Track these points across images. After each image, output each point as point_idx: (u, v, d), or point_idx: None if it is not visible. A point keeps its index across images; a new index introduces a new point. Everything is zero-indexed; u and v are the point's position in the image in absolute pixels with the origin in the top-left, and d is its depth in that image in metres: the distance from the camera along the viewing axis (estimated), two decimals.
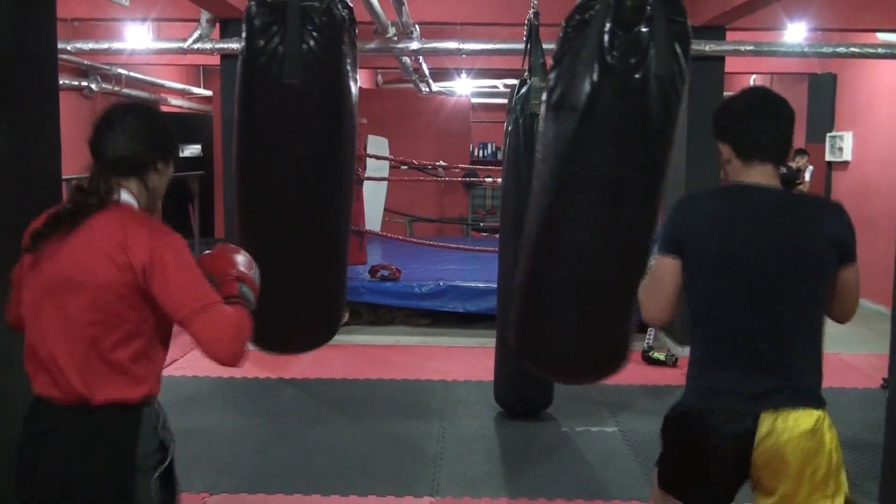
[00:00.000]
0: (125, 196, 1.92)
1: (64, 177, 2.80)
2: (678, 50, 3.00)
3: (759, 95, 2.25)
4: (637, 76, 2.93)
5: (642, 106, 2.97)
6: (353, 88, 3.27)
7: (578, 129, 3.04)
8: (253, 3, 3.08)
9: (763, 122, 2.15)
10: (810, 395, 2.12)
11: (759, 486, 2.16)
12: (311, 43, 3.05)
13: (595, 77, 2.96)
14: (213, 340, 1.81)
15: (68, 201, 1.92)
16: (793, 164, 9.13)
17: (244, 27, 3.09)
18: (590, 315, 3.28)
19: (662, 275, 2.21)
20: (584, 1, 3.04)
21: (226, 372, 5.15)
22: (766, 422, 2.07)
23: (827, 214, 2.14)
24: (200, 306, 1.81)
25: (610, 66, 2.93)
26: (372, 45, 6.84)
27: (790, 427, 2.07)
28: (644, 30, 2.93)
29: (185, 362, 6.05)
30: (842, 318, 2.25)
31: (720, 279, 2.14)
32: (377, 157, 9.56)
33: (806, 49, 7.38)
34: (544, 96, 3.25)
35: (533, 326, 3.48)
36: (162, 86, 11.43)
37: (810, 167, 9.37)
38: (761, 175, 2.15)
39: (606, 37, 2.94)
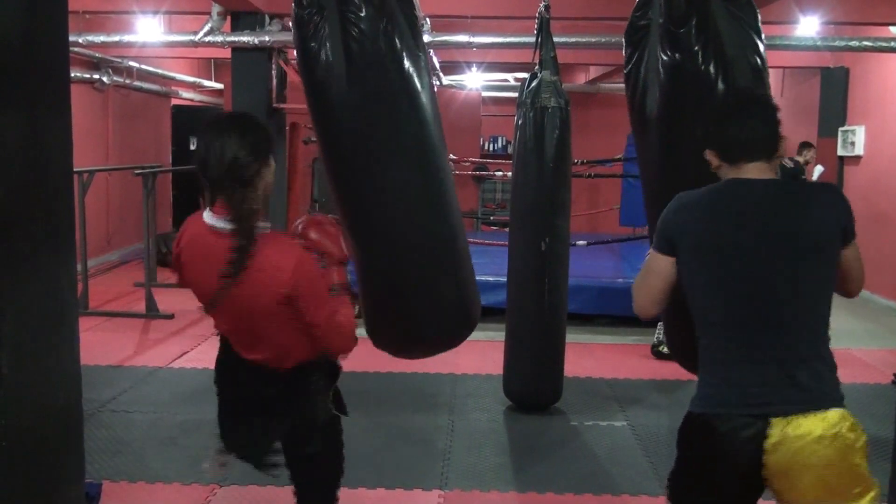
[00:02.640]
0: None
1: (75, 170, 2.81)
2: (740, 23, 2.79)
3: (736, 98, 2.24)
4: (706, 67, 2.75)
5: (718, 94, 2.76)
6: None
7: (665, 135, 2.92)
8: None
9: (743, 123, 2.09)
10: (823, 395, 1.99)
11: (778, 496, 2.04)
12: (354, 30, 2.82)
13: (665, 80, 2.82)
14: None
15: None
16: (799, 158, 9.07)
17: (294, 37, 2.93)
18: None
19: (651, 270, 2.18)
20: (638, 5, 2.95)
21: None
22: (776, 428, 1.96)
23: (825, 197, 2.07)
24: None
25: (676, 64, 2.78)
26: None
27: (802, 434, 1.94)
28: (700, 18, 2.74)
29: (196, 354, 6.08)
30: (851, 295, 2.21)
31: (707, 277, 2.08)
32: None
33: (818, 43, 7.34)
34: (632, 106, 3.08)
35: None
36: (173, 79, 11.46)
37: (820, 167, 9.28)
38: (753, 171, 2.08)
39: (666, 37, 2.79)
